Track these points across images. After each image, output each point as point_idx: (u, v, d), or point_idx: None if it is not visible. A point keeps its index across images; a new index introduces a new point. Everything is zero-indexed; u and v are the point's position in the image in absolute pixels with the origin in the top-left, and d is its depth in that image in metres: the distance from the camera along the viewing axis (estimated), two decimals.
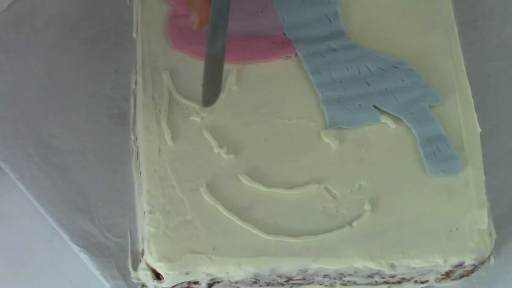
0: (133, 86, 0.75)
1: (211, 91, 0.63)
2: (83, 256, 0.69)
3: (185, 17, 0.70)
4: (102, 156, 0.73)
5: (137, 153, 0.69)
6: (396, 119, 0.69)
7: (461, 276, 0.68)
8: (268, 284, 0.66)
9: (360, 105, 0.69)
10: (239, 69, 0.70)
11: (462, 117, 0.69)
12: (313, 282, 0.67)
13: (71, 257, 0.70)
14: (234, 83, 0.69)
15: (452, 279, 0.68)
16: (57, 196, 0.71)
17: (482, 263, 0.66)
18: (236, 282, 0.65)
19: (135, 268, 0.67)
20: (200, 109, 0.68)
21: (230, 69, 0.69)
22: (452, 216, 0.65)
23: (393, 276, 0.66)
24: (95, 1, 0.78)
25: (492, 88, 0.78)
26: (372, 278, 0.66)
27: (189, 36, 0.71)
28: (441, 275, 0.67)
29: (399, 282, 0.67)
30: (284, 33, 0.72)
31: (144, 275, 0.64)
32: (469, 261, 0.64)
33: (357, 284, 0.67)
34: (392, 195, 0.66)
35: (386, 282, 0.67)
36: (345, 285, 0.67)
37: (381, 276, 0.66)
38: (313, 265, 0.63)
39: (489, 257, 0.66)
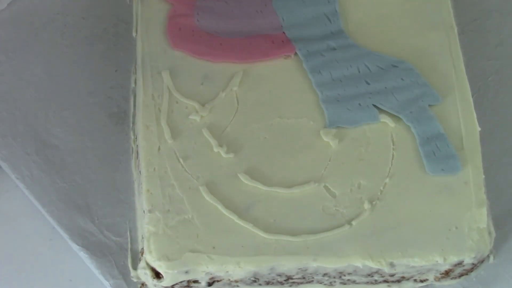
0: (132, 85, 0.75)
1: None
2: (83, 255, 0.69)
3: (185, 16, 0.72)
4: (101, 155, 0.73)
5: (137, 152, 0.69)
6: (395, 118, 0.68)
7: (461, 275, 0.67)
8: (267, 283, 0.66)
9: (359, 104, 0.69)
10: (239, 69, 0.70)
11: (462, 116, 0.69)
12: (312, 281, 0.66)
13: (70, 256, 0.70)
14: (236, 85, 0.69)
15: (452, 278, 0.67)
16: (56, 195, 0.71)
17: (482, 262, 0.66)
18: (236, 281, 0.65)
19: (135, 267, 0.67)
20: (200, 108, 0.68)
21: (235, 71, 0.69)
22: (452, 215, 0.65)
23: (392, 275, 0.66)
24: (94, 1, 0.79)
25: (491, 87, 0.78)
26: (372, 277, 0.66)
27: (188, 35, 0.71)
28: (441, 274, 0.66)
29: (398, 281, 0.67)
30: (284, 32, 0.72)
31: (143, 274, 0.64)
32: (468, 260, 0.64)
33: (357, 283, 0.67)
34: (391, 194, 0.65)
35: (385, 281, 0.67)
36: (344, 284, 0.67)
37: (381, 275, 0.65)
38: (313, 264, 0.63)
39: (488, 256, 0.66)
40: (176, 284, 0.65)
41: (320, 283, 0.67)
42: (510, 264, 0.71)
